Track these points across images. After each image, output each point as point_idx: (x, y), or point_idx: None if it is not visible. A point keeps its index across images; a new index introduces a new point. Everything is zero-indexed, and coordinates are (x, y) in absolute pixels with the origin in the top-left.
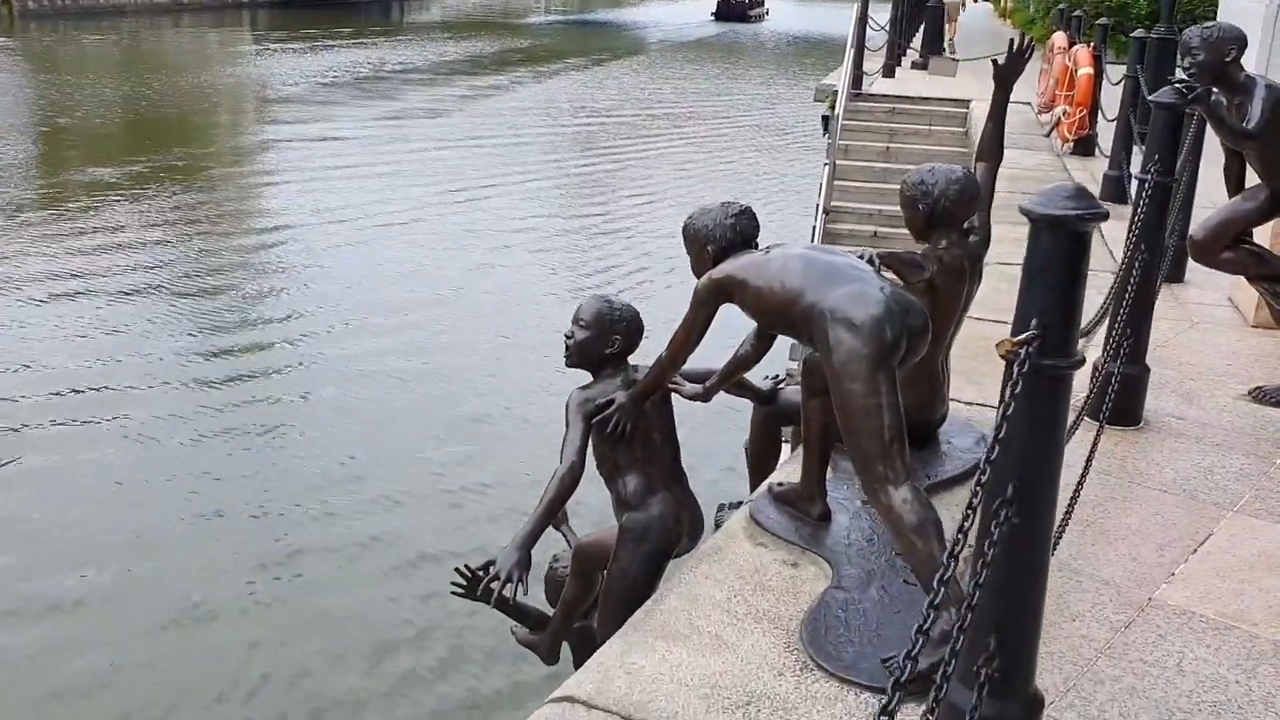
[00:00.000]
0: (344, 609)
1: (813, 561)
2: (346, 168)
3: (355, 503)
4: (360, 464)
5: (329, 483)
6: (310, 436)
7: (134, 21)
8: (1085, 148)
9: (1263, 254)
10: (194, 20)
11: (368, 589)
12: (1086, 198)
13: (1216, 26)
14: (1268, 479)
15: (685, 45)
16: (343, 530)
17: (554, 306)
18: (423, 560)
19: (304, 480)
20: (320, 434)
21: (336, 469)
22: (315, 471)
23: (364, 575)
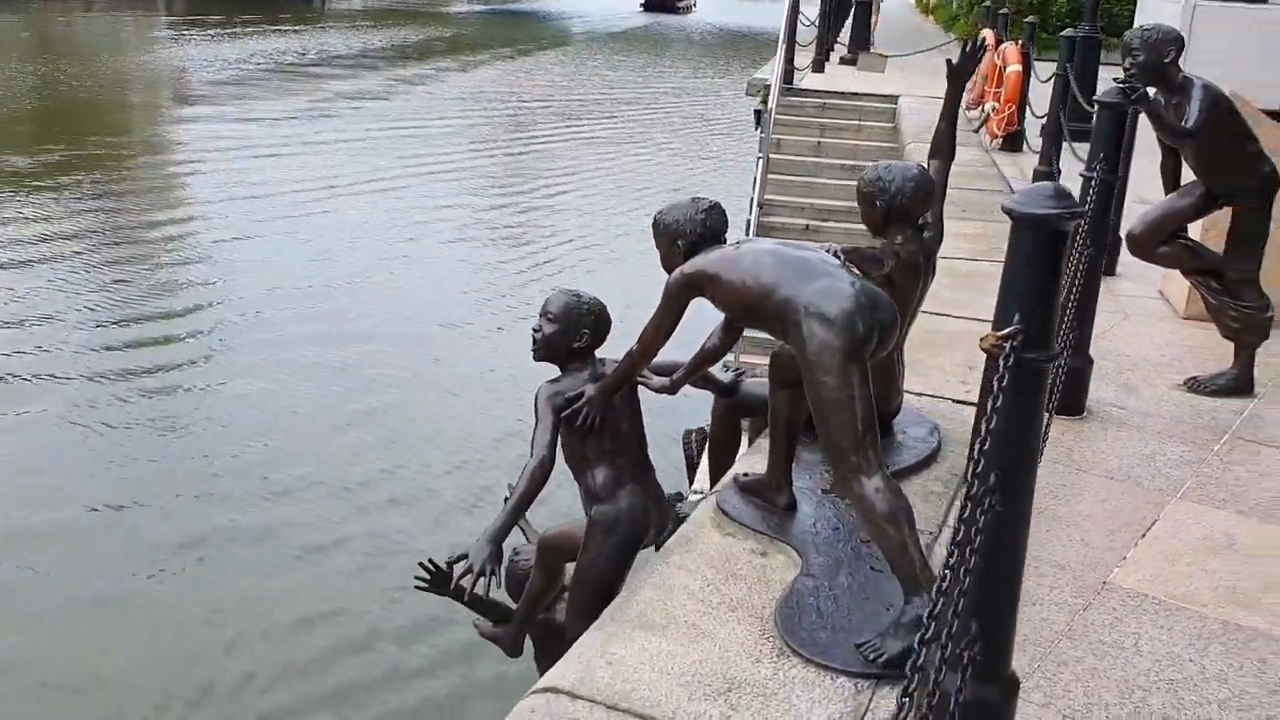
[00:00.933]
0: (252, 594)
1: (781, 550)
2: (266, 157)
3: (263, 489)
4: (269, 450)
5: (237, 470)
6: (220, 423)
7: (43, 5)
8: (1013, 144)
9: (1197, 249)
10: (107, 4)
11: (274, 575)
12: (1066, 197)
13: (1156, 28)
14: (1207, 465)
15: (613, 36)
16: (251, 517)
17: (469, 292)
18: (331, 546)
19: (212, 467)
20: (230, 421)
21: (245, 456)
22: (225, 458)
23: (270, 561)
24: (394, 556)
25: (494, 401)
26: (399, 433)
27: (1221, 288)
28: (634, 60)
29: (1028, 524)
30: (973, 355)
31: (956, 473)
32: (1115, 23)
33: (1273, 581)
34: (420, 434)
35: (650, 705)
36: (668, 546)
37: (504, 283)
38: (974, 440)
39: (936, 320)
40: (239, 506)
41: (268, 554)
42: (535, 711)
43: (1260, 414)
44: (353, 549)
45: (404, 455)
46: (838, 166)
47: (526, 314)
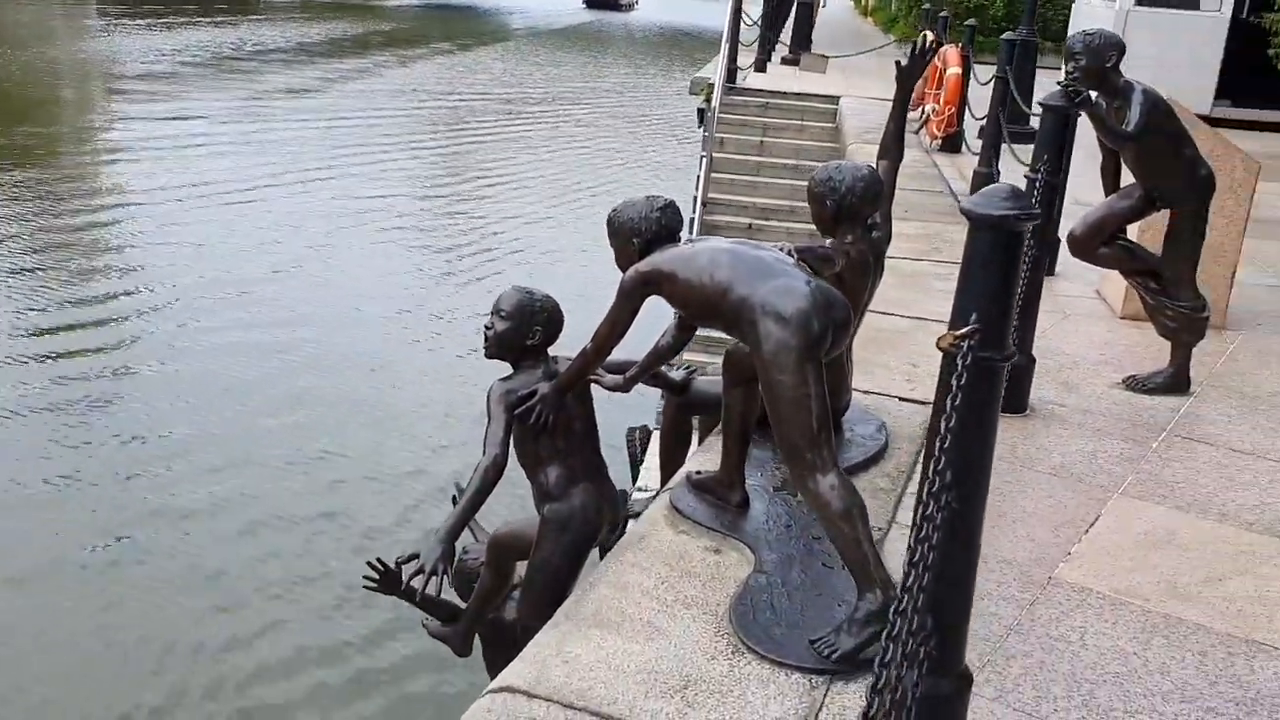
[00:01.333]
0: (182, 572)
1: (734, 547)
2: (199, 148)
3: (195, 469)
4: (200, 433)
5: (169, 451)
6: (150, 407)
7: None
8: (952, 145)
9: (1135, 250)
10: None
11: (206, 553)
12: (1022, 199)
13: (1098, 33)
14: (1146, 462)
15: (554, 33)
16: (183, 497)
17: (403, 283)
18: (257, 525)
19: (145, 449)
20: (159, 404)
21: (173, 439)
22: (156, 439)
23: (200, 540)
24: (324, 535)
25: (419, 386)
26: (329, 417)
27: (1159, 288)
28: (575, 57)
29: (982, 520)
30: (917, 353)
31: (904, 470)
32: (1049, 27)
33: (1211, 575)
34: (350, 418)
35: (606, 703)
36: (622, 544)
37: (438, 275)
38: (931, 438)
39: (881, 319)
40: (170, 486)
41: (198, 533)
42: (492, 711)
43: (1196, 411)
44: (280, 527)
45: (334, 438)
46: (780, 166)
47: (459, 303)
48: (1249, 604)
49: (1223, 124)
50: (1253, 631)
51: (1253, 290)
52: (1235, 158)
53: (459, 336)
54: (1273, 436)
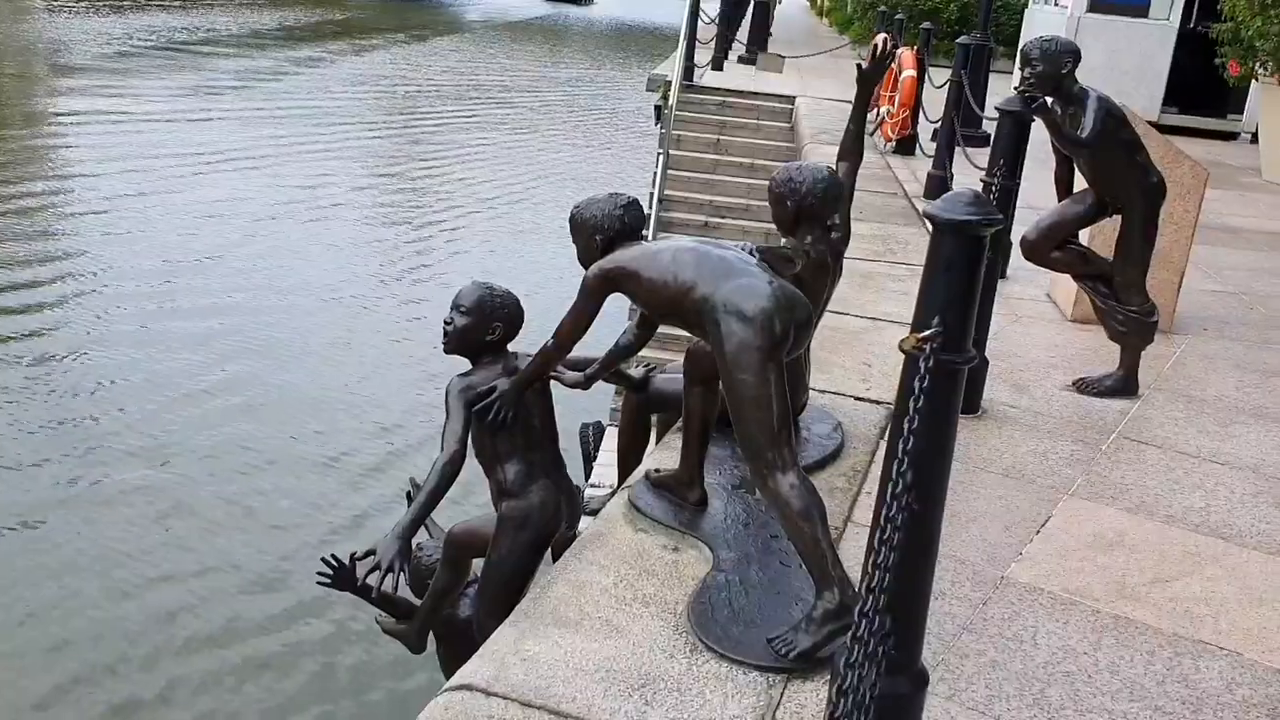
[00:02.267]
0: (114, 551)
1: (693, 546)
2: (140, 133)
3: (131, 449)
4: (138, 414)
5: (105, 431)
6: (89, 387)
7: None
8: (906, 147)
9: (1087, 254)
10: None
11: (139, 534)
12: (985, 205)
13: (1055, 40)
14: (1096, 464)
15: (510, 25)
16: (118, 475)
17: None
18: (179, 509)
19: (79, 430)
20: (98, 385)
21: (111, 419)
22: (90, 421)
23: (132, 520)
24: (257, 516)
25: (368, 379)
26: (266, 398)
27: (1110, 292)
28: (532, 50)
29: (941, 520)
30: (871, 354)
31: (860, 469)
32: (1001, 32)
33: (1159, 577)
34: (296, 411)
35: (565, 701)
36: (581, 542)
37: (388, 265)
38: (893, 439)
39: (836, 318)
40: (105, 466)
41: (134, 514)
42: (449, 709)
43: (1144, 414)
44: (206, 510)
45: (270, 419)
46: (737, 164)
47: (409, 295)
48: (1195, 605)
49: (1169, 130)
50: (1199, 632)
51: (1198, 296)
52: (1184, 165)
53: (410, 329)
54: (1218, 440)
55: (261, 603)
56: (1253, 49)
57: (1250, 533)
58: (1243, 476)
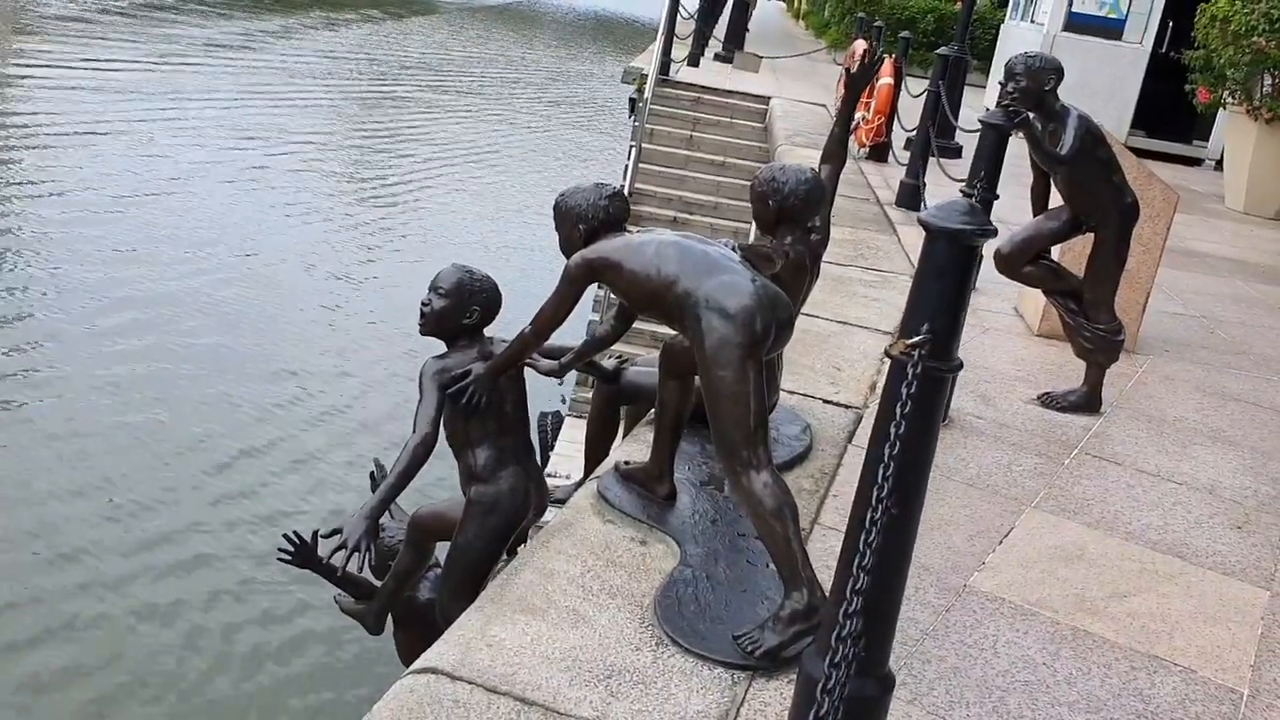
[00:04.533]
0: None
1: (660, 540)
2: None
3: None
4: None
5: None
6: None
7: None
8: (880, 154)
9: (1059, 270)
10: None
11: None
12: (979, 215)
13: (1039, 56)
14: (1059, 478)
15: (487, 9)
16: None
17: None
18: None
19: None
20: (54, 368)
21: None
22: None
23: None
24: (221, 511)
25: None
26: (232, 379)
27: (1079, 309)
28: (510, 36)
29: (918, 526)
30: (840, 357)
31: (828, 471)
32: (976, 45)
33: (1117, 591)
34: (265, 392)
35: (530, 689)
36: (548, 530)
37: (356, 242)
38: (878, 444)
39: (807, 321)
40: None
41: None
42: (414, 692)
43: (1106, 431)
44: (173, 502)
45: (238, 400)
46: (708, 161)
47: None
48: (1151, 620)
49: (1136, 153)
50: (1154, 647)
51: (1161, 318)
52: (1155, 188)
53: (382, 310)
54: (1176, 460)
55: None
56: (1223, 78)
57: (1206, 553)
58: (1200, 497)
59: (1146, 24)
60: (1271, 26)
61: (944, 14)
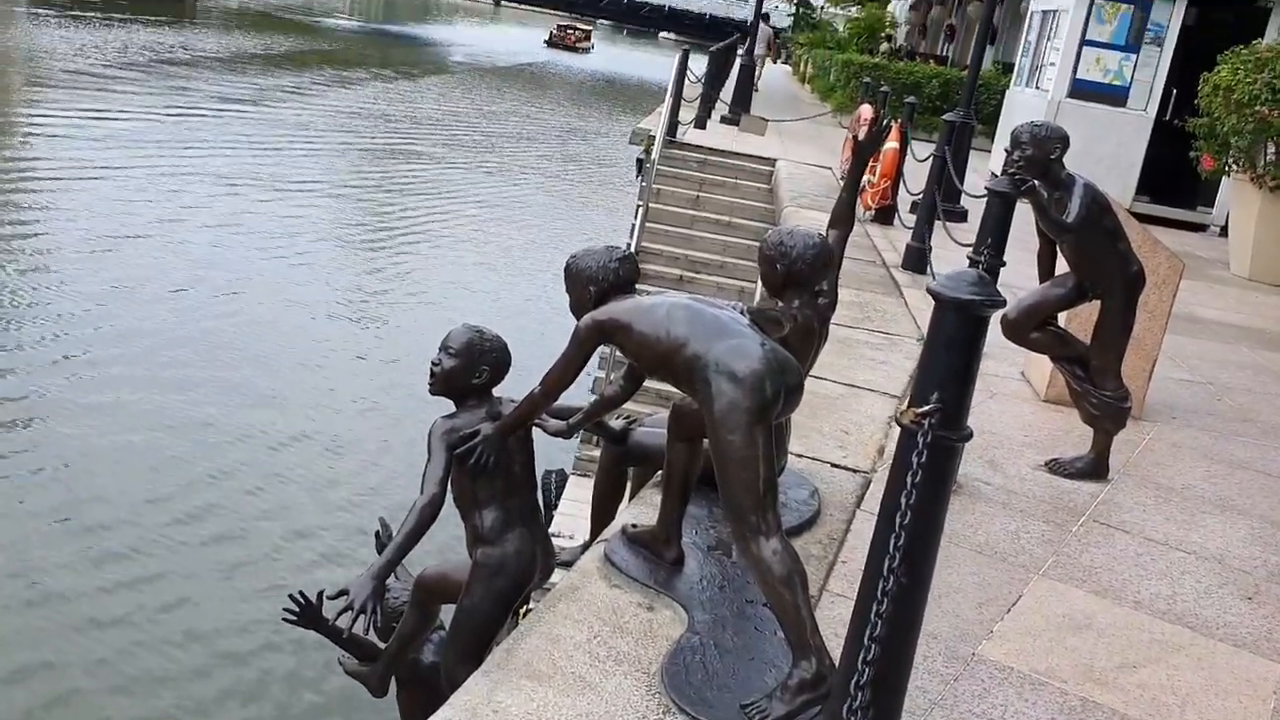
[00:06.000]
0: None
1: (667, 605)
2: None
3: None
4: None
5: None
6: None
7: None
8: (885, 217)
9: (1065, 337)
10: None
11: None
12: (988, 285)
13: (1045, 125)
14: (1066, 545)
15: (496, 70)
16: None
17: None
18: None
19: None
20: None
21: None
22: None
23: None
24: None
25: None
26: (240, 438)
27: (1085, 376)
28: (520, 96)
29: (927, 595)
30: (849, 420)
31: (836, 537)
32: (981, 110)
33: (1126, 662)
34: (275, 453)
35: None
36: (554, 595)
37: (364, 301)
38: (889, 513)
39: (815, 383)
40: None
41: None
42: None
43: (1114, 499)
44: (187, 561)
45: (245, 458)
46: (714, 221)
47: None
48: (1161, 692)
49: (1140, 219)
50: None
51: (1168, 384)
52: (1161, 255)
53: (388, 369)
54: (1185, 528)
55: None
56: (1227, 145)
57: (1216, 624)
58: (1209, 566)
59: (1150, 91)
60: (1274, 96)
61: (949, 79)
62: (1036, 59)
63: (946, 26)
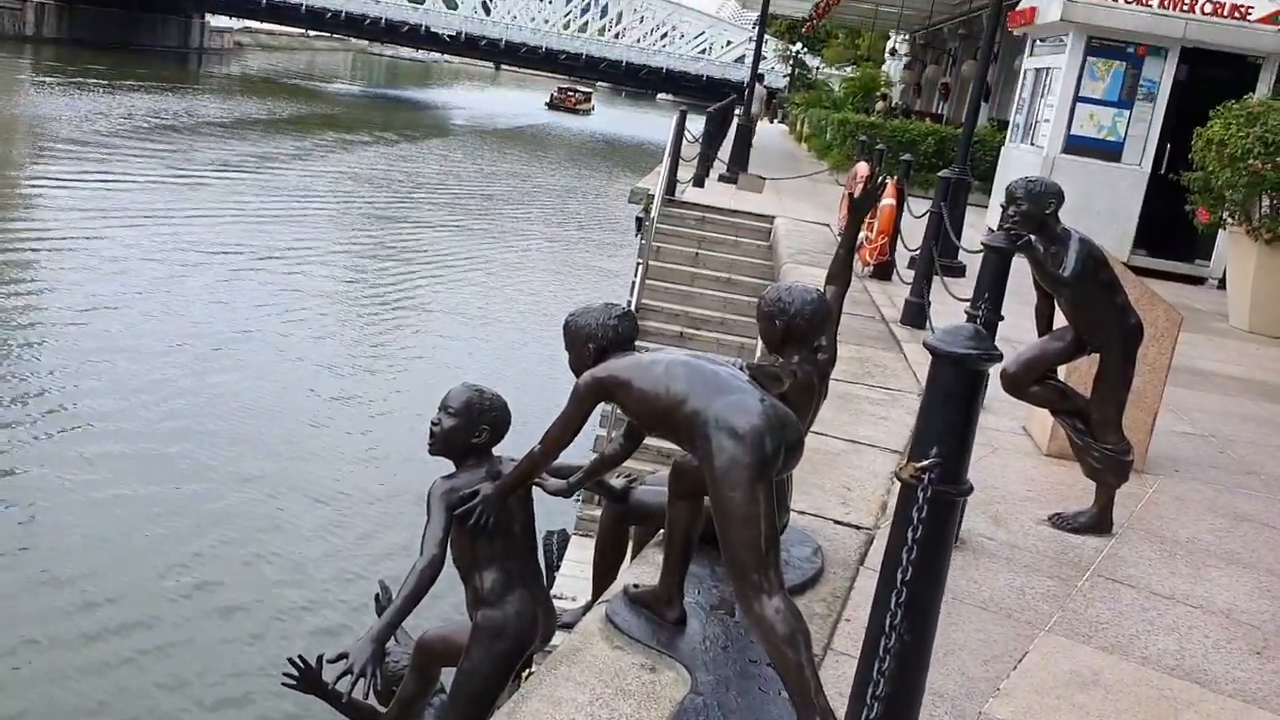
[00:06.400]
0: None
1: (670, 666)
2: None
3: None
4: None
5: None
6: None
7: None
8: (883, 273)
9: (1066, 390)
10: None
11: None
12: (985, 340)
13: (1039, 181)
14: (1072, 600)
15: (497, 131)
16: None
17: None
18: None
19: None
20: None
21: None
22: None
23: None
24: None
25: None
26: (244, 499)
27: (1086, 429)
28: (521, 156)
29: (930, 652)
30: (850, 477)
31: (840, 595)
32: (976, 167)
33: (1135, 719)
34: (274, 511)
35: None
36: (556, 656)
37: (365, 360)
38: (890, 568)
39: (816, 439)
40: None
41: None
42: None
43: (1118, 553)
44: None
45: (250, 519)
46: (713, 278)
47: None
48: None
49: (1138, 272)
50: None
51: (1170, 437)
52: (1159, 308)
53: (388, 428)
54: (1191, 582)
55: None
56: (1221, 198)
57: (1226, 679)
58: (1216, 621)
59: (1145, 146)
60: (1266, 149)
61: (944, 137)
62: (1031, 116)
63: (941, 85)
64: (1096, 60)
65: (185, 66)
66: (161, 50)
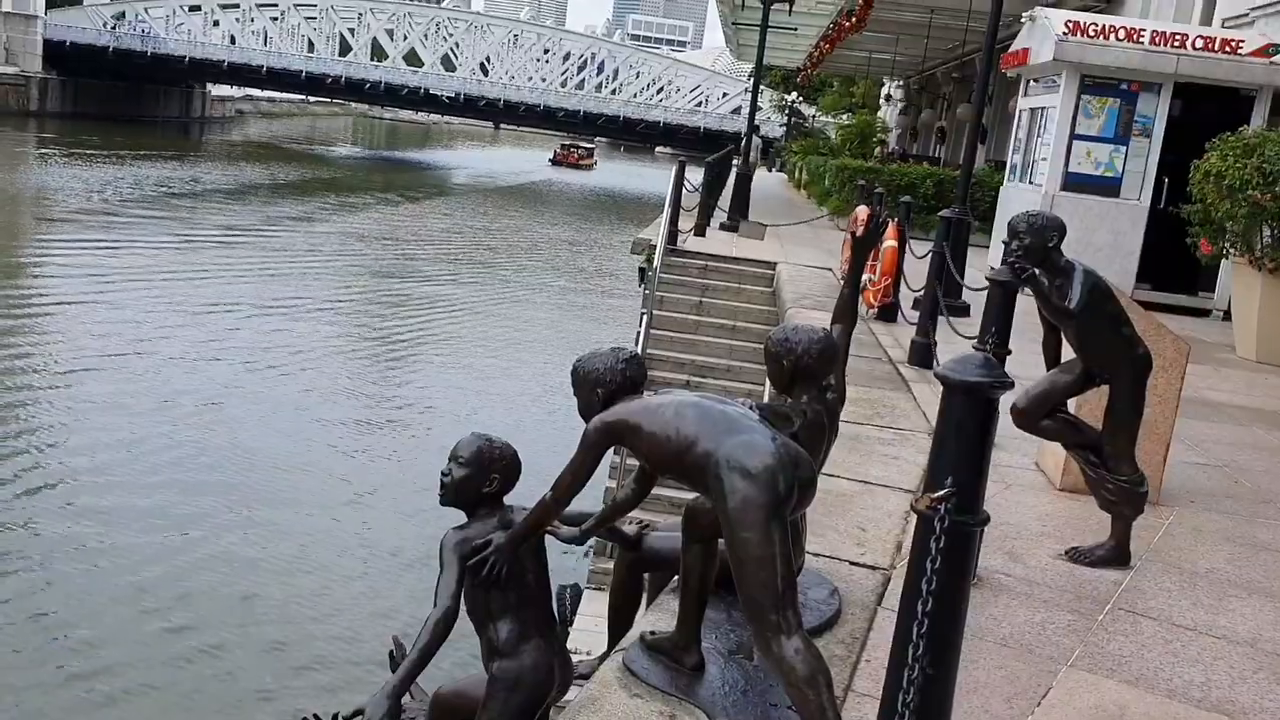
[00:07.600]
0: None
1: (689, 713)
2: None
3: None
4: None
5: None
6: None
7: None
8: (888, 314)
9: (1077, 424)
10: None
11: None
12: (996, 368)
13: (1041, 215)
14: (1093, 635)
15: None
16: None
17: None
18: None
19: None
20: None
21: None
22: None
23: None
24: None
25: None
26: (252, 551)
27: (1099, 461)
28: (523, 213)
29: (954, 685)
30: (865, 517)
31: (858, 636)
32: (976, 207)
33: None
34: (287, 566)
35: None
36: (574, 706)
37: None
38: (909, 601)
39: (828, 481)
40: None
41: None
42: None
43: (1137, 585)
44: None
45: (257, 576)
46: (718, 325)
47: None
48: None
49: (1143, 306)
50: None
51: (1183, 468)
52: (1166, 339)
53: (398, 480)
54: (1213, 613)
55: None
56: (1222, 230)
57: (1254, 710)
58: (1241, 651)
59: (1143, 181)
60: (1265, 180)
61: (942, 179)
62: (1028, 155)
63: (937, 129)
64: (1091, 98)
65: (188, 135)
66: (164, 121)
